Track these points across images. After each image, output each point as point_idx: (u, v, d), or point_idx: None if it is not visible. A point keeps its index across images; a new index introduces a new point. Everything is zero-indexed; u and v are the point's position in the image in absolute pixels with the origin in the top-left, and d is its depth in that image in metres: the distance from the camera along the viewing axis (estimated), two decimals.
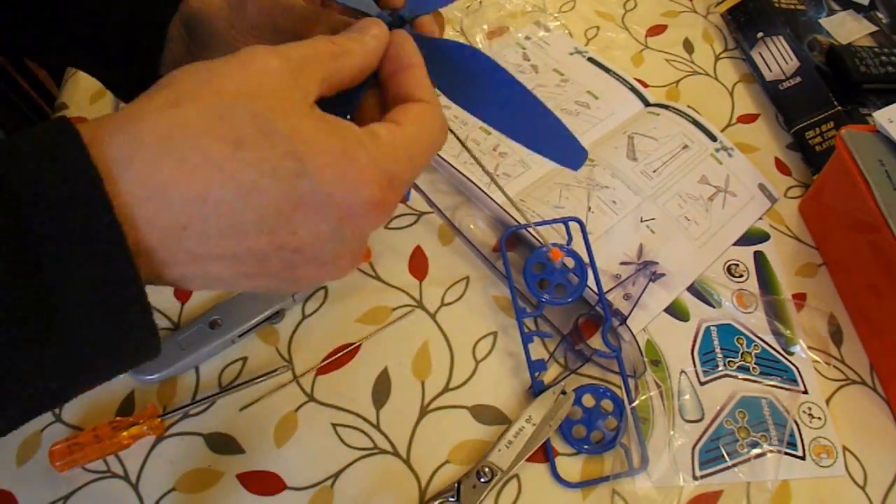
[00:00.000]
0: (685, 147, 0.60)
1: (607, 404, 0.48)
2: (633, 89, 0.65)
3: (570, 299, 0.49)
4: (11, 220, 0.19)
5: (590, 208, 0.55)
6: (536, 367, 0.48)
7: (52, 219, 0.19)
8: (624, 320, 0.49)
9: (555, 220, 0.52)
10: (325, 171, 0.22)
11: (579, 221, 0.52)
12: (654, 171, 0.58)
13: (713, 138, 0.61)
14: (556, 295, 0.50)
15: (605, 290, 0.50)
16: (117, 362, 0.23)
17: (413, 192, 0.57)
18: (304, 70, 0.25)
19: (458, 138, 0.37)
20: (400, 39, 0.30)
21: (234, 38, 0.35)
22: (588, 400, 0.48)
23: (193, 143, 0.21)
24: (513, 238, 0.54)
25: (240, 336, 0.49)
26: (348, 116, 0.30)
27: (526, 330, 0.49)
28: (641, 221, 0.55)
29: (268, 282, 0.25)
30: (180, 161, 0.21)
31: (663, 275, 0.53)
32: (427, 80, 0.30)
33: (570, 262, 0.51)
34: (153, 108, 0.22)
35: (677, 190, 0.57)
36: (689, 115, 0.62)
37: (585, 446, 0.46)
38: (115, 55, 0.39)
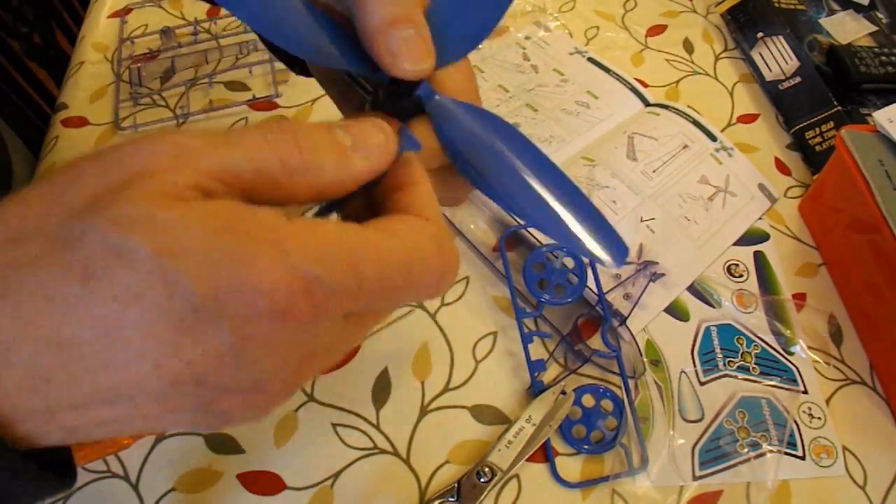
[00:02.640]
0: (685, 147, 0.60)
1: (607, 404, 0.48)
2: (633, 89, 0.65)
3: (569, 299, 0.49)
4: None
5: None
6: (536, 367, 0.48)
7: None
8: (624, 320, 0.49)
9: None
10: (204, 283, 0.17)
11: None
12: (654, 171, 0.58)
13: (713, 138, 0.61)
14: (555, 295, 0.50)
15: (605, 290, 0.50)
16: None
17: None
18: (218, 182, 0.19)
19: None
20: (404, 159, 0.24)
21: None
22: (588, 400, 0.48)
23: (31, 283, 0.17)
24: (513, 238, 0.54)
25: None
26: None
27: (526, 330, 0.49)
28: (641, 221, 0.55)
29: (186, 419, 0.20)
30: (20, 311, 0.17)
31: (663, 275, 0.53)
32: (432, 199, 0.23)
33: (569, 262, 0.51)
34: None
35: (677, 190, 0.57)
36: (689, 115, 0.62)
37: (585, 446, 0.46)
38: None
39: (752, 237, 0.57)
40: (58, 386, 0.17)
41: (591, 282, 0.50)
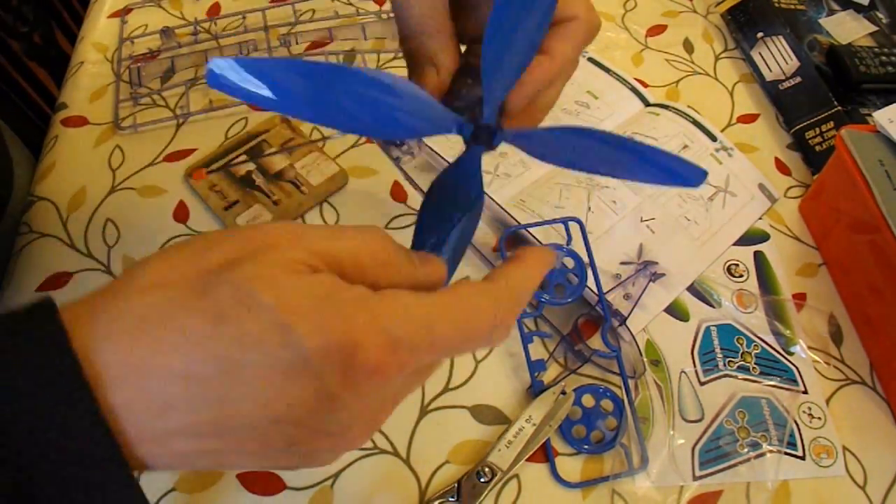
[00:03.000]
0: (685, 147, 0.60)
1: (607, 404, 0.48)
2: (632, 89, 0.65)
3: (569, 299, 0.49)
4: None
5: (590, 208, 0.55)
6: (536, 367, 0.48)
7: (40, 432, 0.19)
8: (624, 320, 0.49)
9: (554, 221, 0.52)
10: (313, 338, 0.20)
11: (579, 221, 0.52)
12: None
13: (713, 138, 0.61)
14: (555, 295, 0.50)
15: (605, 290, 0.50)
16: None
17: (413, 190, 0.57)
18: (323, 258, 0.23)
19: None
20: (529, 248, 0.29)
21: None
22: (588, 400, 0.48)
23: (170, 321, 0.20)
24: (513, 238, 0.54)
25: None
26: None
27: (526, 330, 0.49)
28: (641, 221, 0.55)
29: (278, 457, 0.23)
30: (156, 342, 0.20)
31: (663, 275, 0.53)
32: (519, 273, 0.27)
33: (569, 263, 0.51)
34: (134, 289, 0.21)
35: (677, 190, 0.57)
36: (688, 115, 0.62)
37: (585, 446, 0.46)
38: None
39: (752, 237, 0.57)
40: (179, 413, 0.20)
41: (590, 282, 0.50)
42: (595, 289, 0.50)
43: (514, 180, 0.57)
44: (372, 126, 0.26)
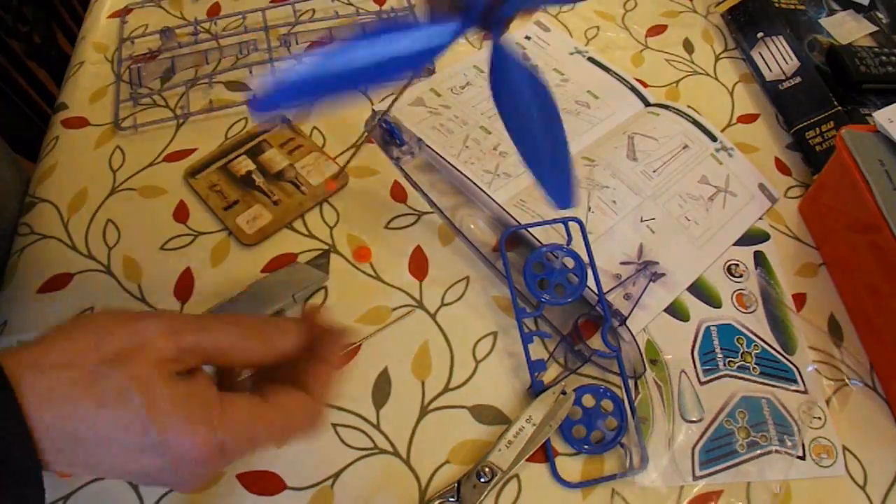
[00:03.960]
0: (685, 147, 0.60)
1: (607, 404, 0.48)
2: (633, 89, 0.65)
3: (569, 299, 0.49)
4: None
5: (590, 208, 0.55)
6: (536, 367, 0.48)
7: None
8: (624, 320, 0.49)
9: (554, 221, 0.52)
10: (165, 434, 0.29)
11: (579, 221, 0.52)
12: (655, 172, 0.58)
13: (713, 138, 0.61)
14: (555, 295, 0.50)
15: (605, 290, 0.50)
16: None
17: (413, 190, 0.57)
18: (184, 353, 0.31)
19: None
20: (326, 332, 0.35)
21: None
22: (588, 400, 0.48)
23: (70, 399, 0.28)
24: (513, 238, 0.54)
25: None
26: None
27: (526, 330, 0.49)
28: (641, 221, 0.55)
29: (135, 481, 0.37)
30: (58, 409, 0.28)
31: (663, 275, 0.53)
32: (328, 378, 0.35)
33: (569, 262, 0.51)
34: (50, 364, 0.29)
35: (677, 190, 0.57)
36: (689, 116, 0.62)
37: (585, 446, 0.46)
38: None
39: (752, 237, 0.57)
40: (67, 455, 0.29)
41: (591, 282, 0.50)
42: (595, 289, 0.50)
43: (513, 180, 0.57)
44: (394, 69, 0.30)
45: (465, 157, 0.58)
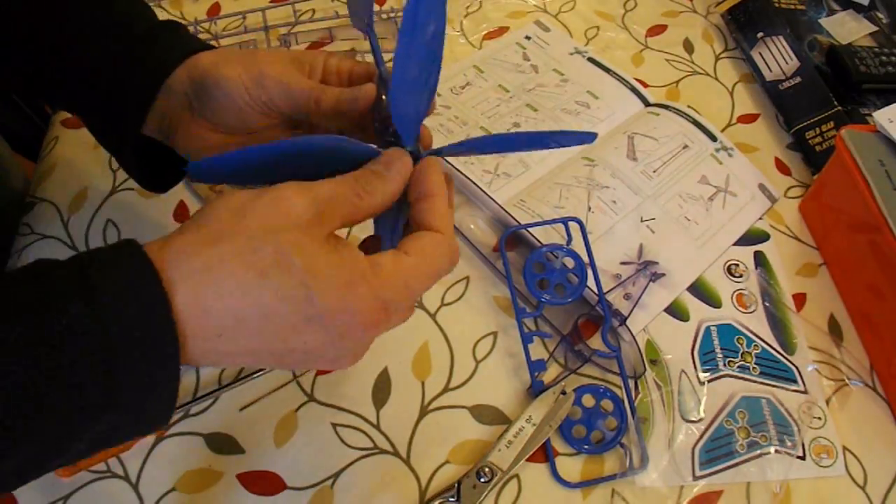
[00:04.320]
0: (685, 147, 0.60)
1: (607, 404, 0.48)
2: (633, 89, 0.65)
3: (569, 299, 0.49)
4: (100, 334, 0.25)
5: (590, 208, 0.55)
6: (536, 367, 0.48)
7: (131, 333, 0.26)
8: (624, 320, 0.49)
9: (554, 221, 0.52)
10: (329, 300, 0.28)
11: (579, 221, 0.52)
12: (655, 172, 0.58)
13: (713, 138, 0.61)
14: (556, 295, 0.50)
15: (605, 290, 0.50)
16: (145, 426, 0.29)
17: None
18: (326, 210, 0.30)
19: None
20: (425, 167, 0.34)
21: (247, 109, 0.38)
22: (588, 400, 0.48)
23: (228, 274, 0.27)
24: (513, 238, 0.54)
25: None
26: (389, 244, 0.35)
27: (526, 330, 0.49)
28: (642, 221, 0.55)
29: (284, 366, 0.34)
30: (217, 288, 0.27)
31: (663, 275, 0.53)
32: (444, 208, 0.34)
33: (569, 263, 0.51)
34: (199, 243, 0.28)
35: (677, 190, 0.57)
36: (689, 115, 0.62)
37: (585, 446, 0.46)
38: (103, 100, 0.39)
39: (752, 237, 0.57)
40: (224, 339, 0.28)
41: (591, 282, 0.50)
42: (595, 289, 0.50)
43: (513, 180, 0.57)
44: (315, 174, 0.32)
45: (465, 158, 0.58)
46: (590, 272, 0.50)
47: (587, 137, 0.38)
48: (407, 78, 0.33)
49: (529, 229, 0.52)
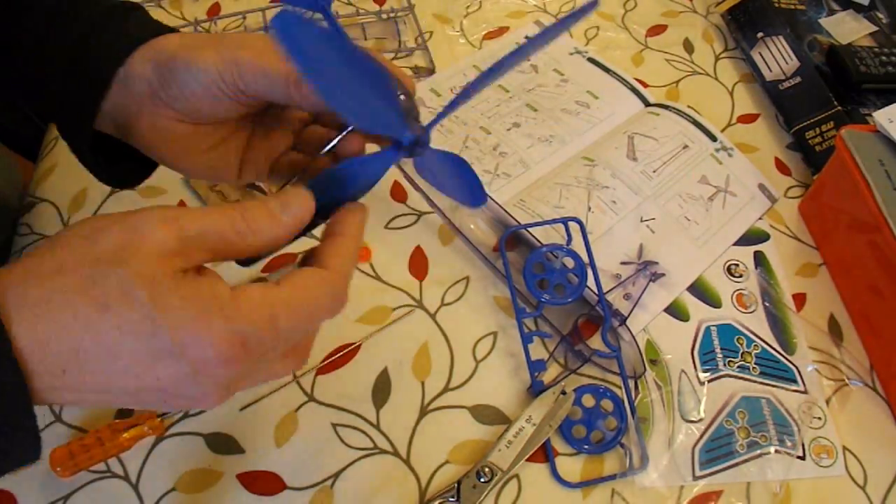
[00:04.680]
0: (685, 147, 0.60)
1: (607, 404, 0.48)
2: (633, 89, 0.65)
3: (569, 299, 0.49)
4: None
5: (590, 208, 0.55)
6: (536, 366, 0.48)
7: None
8: (624, 320, 0.49)
9: (554, 221, 0.52)
10: (179, 333, 0.26)
11: (578, 221, 0.52)
12: (655, 172, 0.58)
13: (713, 138, 0.61)
14: (555, 295, 0.50)
15: (605, 290, 0.50)
16: (9, 465, 0.27)
17: (413, 191, 0.57)
18: (193, 244, 0.27)
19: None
20: (346, 210, 0.32)
21: (221, 95, 0.34)
22: (588, 400, 0.48)
23: (67, 306, 0.25)
24: (513, 238, 0.54)
25: None
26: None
27: (526, 330, 0.49)
28: (642, 221, 0.55)
29: (144, 405, 0.29)
30: (56, 322, 0.25)
31: (663, 275, 0.53)
32: (347, 251, 0.32)
33: (569, 263, 0.51)
34: (40, 272, 0.26)
35: (677, 190, 0.57)
36: (689, 116, 0.62)
37: (585, 446, 0.46)
38: (54, 96, 0.37)
39: (752, 237, 0.57)
40: (69, 375, 0.26)
41: (591, 282, 0.50)
42: (595, 289, 0.50)
43: (513, 180, 0.57)
44: (343, 104, 0.29)
45: (465, 158, 0.58)
46: (590, 272, 0.50)
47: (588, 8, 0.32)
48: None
49: (529, 229, 0.52)
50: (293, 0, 0.37)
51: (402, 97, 0.33)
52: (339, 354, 0.49)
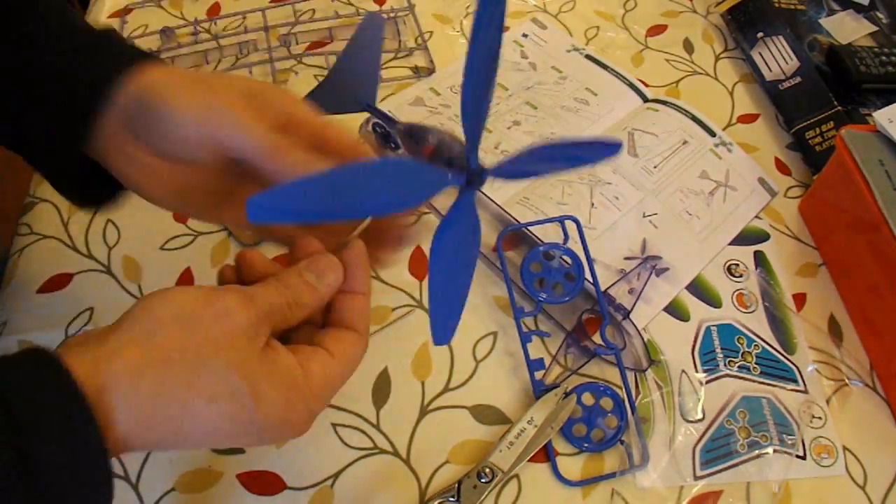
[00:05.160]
0: (685, 142, 0.60)
1: (607, 402, 0.48)
2: (630, 85, 0.65)
3: (565, 299, 0.49)
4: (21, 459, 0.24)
5: (593, 204, 0.55)
6: (535, 365, 0.48)
7: (56, 451, 0.25)
8: (627, 315, 0.49)
9: (550, 220, 0.52)
10: (270, 419, 0.30)
11: (575, 220, 0.52)
12: (655, 167, 0.58)
13: (712, 133, 0.61)
14: (553, 294, 0.50)
15: (608, 284, 0.50)
16: None
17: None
18: (263, 321, 0.30)
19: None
20: (355, 261, 0.34)
21: (195, 143, 0.33)
22: (588, 398, 0.48)
23: (176, 400, 0.28)
24: (514, 237, 0.54)
25: None
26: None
27: (525, 329, 0.49)
28: (644, 217, 0.55)
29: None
30: (164, 412, 0.28)
31: (667, 269, 0.53)
32: (367, 310, 0.35)
33: (567, 261, 0.51)
34: (146, 364, 0.28)
35: (678, 185, 0.57)
36: (687, 111, 0.62)
37: (586, 444, 0.46)
38: (37, 116, 0.35)
39: (752, 237, 0.57)
40: (164, 445, 0.29)
41: (591, 278, 0.50)
42: (596, 287, 0.50)
43: (515, 179, 0.57)
44: (388, 206, 0.32)
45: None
46: (587, 270, 0.50)
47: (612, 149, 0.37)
48: (475, 88, 0.32)
49: (531, 228, 0.52)
50: (336, 105, 0.42)
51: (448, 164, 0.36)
52: None
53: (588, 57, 0.68)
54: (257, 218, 0.27)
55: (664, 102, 0.63)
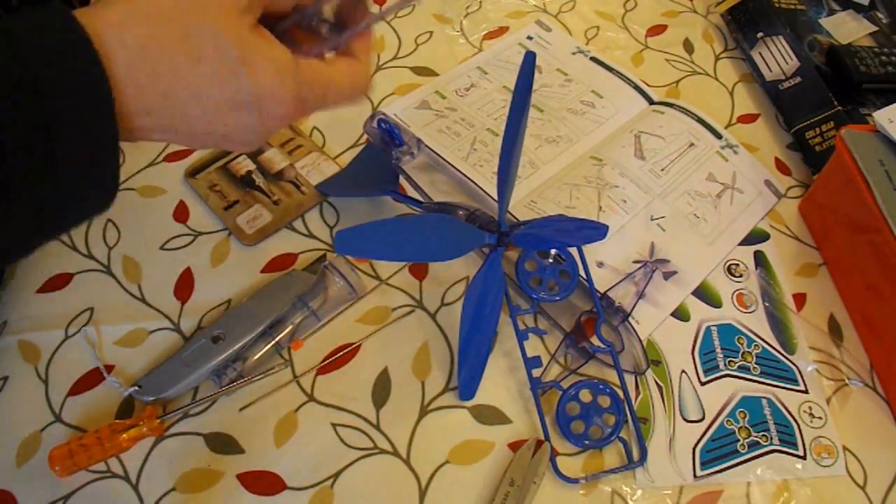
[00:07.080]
0: (691, 145, 0.60)
1: (604, 400, 0.47)
2: (636, 87, 0.65)
3: (556, 298, 0.49)
4: (34, 102, 0.25)
5: (601, 208, 0.55)
6: (533, 363, 0.48)
7: (65, 93, 0.26)
8: (626, 317, 0.49)
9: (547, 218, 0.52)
10: (261, 88, 0.30)
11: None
12: (663, 170, 0.58)
13: (718, 136, 0.61)
14: (549, 292, 0.49)
15: (610, 285, 0.50)
16: (86, 205, 0.31)
17: (413, 190, 0.57)
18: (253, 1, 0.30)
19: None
20: (366, 30, 0.36)
21: None
22: (585, 395, 0.48)
23: (163, 57, 0.28)
24: None
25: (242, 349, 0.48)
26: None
27: (521, 327, 0.49)
28: (652, 220, 0.55)
29: (198, 146, 0.38)
30: (152, 69, 0.28)
31: (675, 272, 0.53)
32: (368, 45, 0.36)
33: (563, 260, 0.51)
34: (137, 17, 0.28)
35: (686, 188, 0.57)
36: (693, 113, 0.62)
37: (585, 441, 0.46)
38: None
39: (752, 237, 0.57)
40: (151, 117, 0.29)
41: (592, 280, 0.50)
42: (593, 287, 0.50)
43: (523, 182, 0.57)
44: (437, 254, 0.45)
45: (474, 160, 0.58)
46: (582, 269, 0.50)
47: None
48: (507, 158, 0.41)
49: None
50: (372, 190, 0.54)
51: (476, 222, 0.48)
52: (339, 354, 0.49)
53: (593, 59, 0.68)
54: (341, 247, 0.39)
55: (670, 105, 0.63)
